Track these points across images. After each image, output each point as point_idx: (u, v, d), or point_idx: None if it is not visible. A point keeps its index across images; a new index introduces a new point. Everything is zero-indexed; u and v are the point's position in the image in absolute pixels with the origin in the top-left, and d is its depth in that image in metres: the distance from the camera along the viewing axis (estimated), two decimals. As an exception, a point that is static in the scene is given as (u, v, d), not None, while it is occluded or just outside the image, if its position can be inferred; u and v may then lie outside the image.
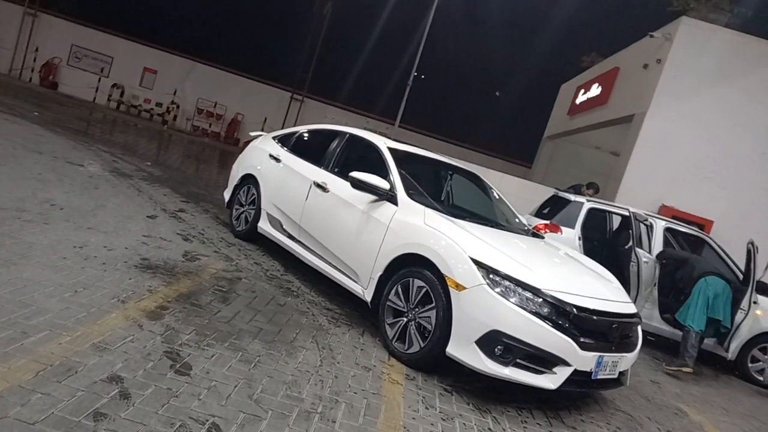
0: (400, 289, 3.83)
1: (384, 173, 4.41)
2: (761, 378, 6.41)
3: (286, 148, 5.69)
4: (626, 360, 3.79)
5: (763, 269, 6.13)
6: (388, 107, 19.32)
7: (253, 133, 6.58)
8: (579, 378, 3.50)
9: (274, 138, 6.02)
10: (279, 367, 3.15)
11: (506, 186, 10.52)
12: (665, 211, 9.61)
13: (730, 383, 6.14)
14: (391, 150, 4.69)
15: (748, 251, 5.94)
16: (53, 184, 5.67)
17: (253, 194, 5.70)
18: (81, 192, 5.77)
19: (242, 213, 5.83)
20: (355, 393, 3.11)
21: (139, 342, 2.94)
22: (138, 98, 20.92)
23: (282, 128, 18.64)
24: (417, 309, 3.70)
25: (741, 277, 6.20)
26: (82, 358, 2.62)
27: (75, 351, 2.66)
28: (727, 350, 6.10)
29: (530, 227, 5.33)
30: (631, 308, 3.96)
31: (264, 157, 5.75)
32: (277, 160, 5.57)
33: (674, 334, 6.39)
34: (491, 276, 3.45)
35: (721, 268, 6.31)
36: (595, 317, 3.55)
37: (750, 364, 6.43)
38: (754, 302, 5.91)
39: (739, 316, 5.97)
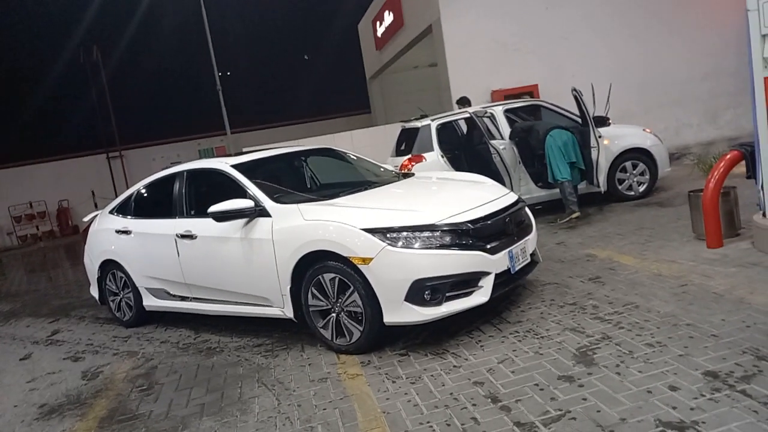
0: (315, 291, 3.76)
1: (241, 192, 4.21)
2: (632, 192, 7.28)
3: (129, 216, 5.23)
4: (530, 242, 4.09)
5: (592, 106, 6.82)
6: (213, 120, 18.37)
7: (87, 218, 5.96)
8: (502, 279, 3.71)
9: (111, 212, 5.49)
10: (240, 430, 2.98)
11: (359, 141, 10.63)
12: (497, 95, 10.29)
13: (613, 210, 6.91)
14: (236, 166, 4.47)
15: (575, 97, 6.58)
16: None
17: (122, 277, 5.22)
18: (-72, 376, 4.90)
19: (121, 301, 5.33)
20: (325, 409, 3.05)
21: (84, 495, 2.61)
22: (-62, 239, 18.02)
23: (115, 193, 17.07)
24: (340, 300, 3.66)
25: (581, 121, 6.87)
26: None
27: None
28: (598, 185, 6.80)
29: (398, 170, 5.45)
30: (512, 197, 4.23)
31: (112, 236, 5.25)
32: (127, 232, 5.10)
33: (553, 194, 7.01)
34: (388, 235, 3.48)
35: (560, 121, 6.97)
36: (489, 222, 3.75)
37: (619, 186, 7.27)
38: (599, 136, 6.61)
39: (594, 153, 6.65)
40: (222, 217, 4.03)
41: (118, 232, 5.21)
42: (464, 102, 8.48)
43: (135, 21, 22.83)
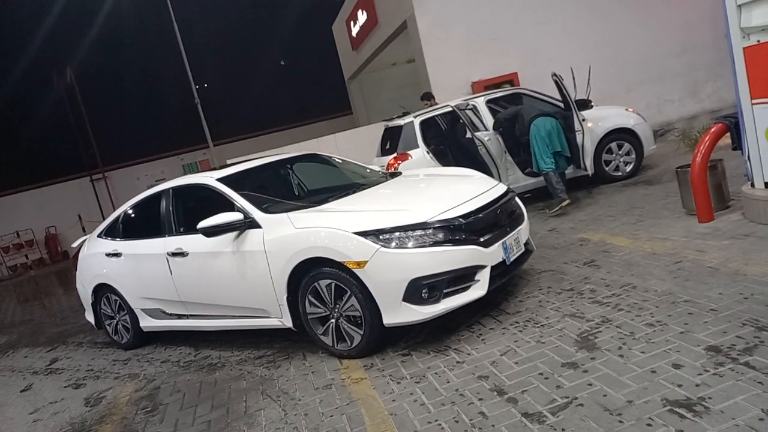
0: (312, 299, 3.73)
1: (229, 205, 4.17)
2: (619, 173, 7.31)
3: (118, 239, 5.18)
4: (523, 231, 4.08)
5: (574, 90, 6.84)
6: (194, 134, 18.22)
7: (75, 243, 5.90)
8: (498, 271, 3.71)
9: (99, 235, 5.44)
10: (249, 445, 2.96)
11: (343, 144, 10.61)
12: (477, 86, 10.31)
13: (602, 192, 6.94)
14: (222, 180, 4.43)
15: (555, 82, 6.58)
16: None
17: (116, 300, 5.17)
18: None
19: (117, 324, 5.27)
20: (332, 416, 3.03)
21: None
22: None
23: (101, 216, 16.87)
24: (338, 305, 3.64)
25: (563, 105, 6.88)
26: None
27: None
28: (585, 169, 6.82)
29: (384, 170, 5.43)
30: (501, 189, 4.22)
31: (102, 260, 5.19)
32: (117, 255, 5.05)
33: (540, 181, 7.01)
34: (380, 237, 3.46)
35: (544, 108, 6.96)
36: (480, 215, 3.74)
37: (606, 168, 7.29)
38: (583, 120, 6.62)
39: (579, 137, 6.67)
40: (212, 232, 3.99)
41: (108, 255, 5.15)
42: (428, 97, 8.50)
43: (106, 40, 22.62)
